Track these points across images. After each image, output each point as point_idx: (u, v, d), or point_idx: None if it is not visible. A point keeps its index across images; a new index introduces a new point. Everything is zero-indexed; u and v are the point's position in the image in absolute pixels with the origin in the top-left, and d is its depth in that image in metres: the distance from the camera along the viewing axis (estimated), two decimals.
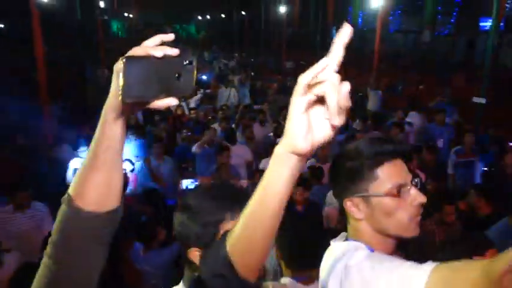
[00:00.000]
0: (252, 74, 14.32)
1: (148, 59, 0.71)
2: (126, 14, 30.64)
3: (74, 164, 4.93)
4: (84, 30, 12.36)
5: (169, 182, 5.21)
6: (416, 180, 1.05)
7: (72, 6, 12.08)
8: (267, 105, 8.88)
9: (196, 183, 3.62)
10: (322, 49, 16.55)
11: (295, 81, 0.71)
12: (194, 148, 5.62)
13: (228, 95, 10.40)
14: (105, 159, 0.85)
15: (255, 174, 4.85)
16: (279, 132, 6.41)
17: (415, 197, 1.05)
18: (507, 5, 15.17)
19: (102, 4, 18.82)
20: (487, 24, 17.22)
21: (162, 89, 0.73)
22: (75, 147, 5.64)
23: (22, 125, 7.34)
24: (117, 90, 0.76)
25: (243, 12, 27.52)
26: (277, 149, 0.72)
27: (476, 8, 17.99)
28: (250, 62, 19.95)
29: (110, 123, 0.82)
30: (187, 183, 3.66)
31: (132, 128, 6.92)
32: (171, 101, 0.75)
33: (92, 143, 0.85)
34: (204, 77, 13.54)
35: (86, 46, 13.85)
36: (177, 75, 0.74)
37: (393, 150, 1.07)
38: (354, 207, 1.12)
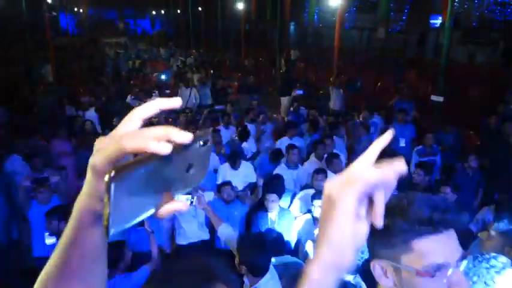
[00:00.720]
0: (212, 72, 14.00)
1: (146, 162, 0.46)
2: (76, 9, 29.16)
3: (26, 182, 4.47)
4: (30, 26, 11.55)
5: None
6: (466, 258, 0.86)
7: (17, 1, 11.23)
8: (230, 106, 8.65)
9: (194, 200, 3.32)
10: (280, 45, 16.49)
11: (255, 80, 0.52)
12: None
13: (189, 95, 10.08)
14: (80, 269, 0.61)
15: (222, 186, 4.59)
16: (244, 135, 6.22)
17: (458, 284, 0.84)
18: (456, 3, 15.74)
19: None
20: (437, 21, 17.83)
21: (165, 189, 0.50)
22: (28, 159, 5.19)
23: None
24: (94, 192, 0.53)
25: (199, 8, 26.95)
26: (315, 274, 0.56)
27: (426, 5, 18.57)
28: (208, 60, 19.55)
29: (85, 227, 0.58)
30: (184, 199, 3.35)
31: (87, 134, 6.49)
32: (178, 206, 0.52)
33: (60, 248, 0.61)
34: (163, 77, 13.09)
35: (34, 43, 12.97)
36: (187, 166, 0.51)
37: (443, 221, 0.85)
38: (381, 272, 0.94)
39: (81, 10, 31.88)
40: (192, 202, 3.34)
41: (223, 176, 5.06)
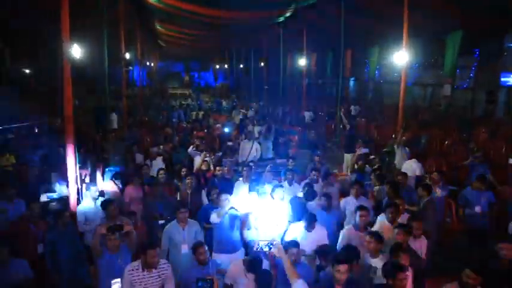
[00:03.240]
0: (273, 125, 14.19)
1: None
2: (147, 63, 31.48)
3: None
4: (109, 80, 12.57)
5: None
6: None
7: (101, 59, 12.36)
8: (292, 162, 8.58)
9: (273, 245, 3.33)
10: (340, 100, 16.47)
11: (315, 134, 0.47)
12: (212, 218, 5.28)
13: (250, 149, 10.20)
14: None
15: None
16: (310, 195, 6.10)
17: None
18: None
19: (127, 56, 19.32)
20: (509, 79, 17.10)
21: None
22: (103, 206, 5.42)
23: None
24: None
25: (261, 63, 28.02)
26: None
27: (496, 62, 17.95)
28: (269, 112, 19.95)
29: None
30: (263, 245, 3.38)
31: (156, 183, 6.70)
32: None
33: None
34: (226, 130, 13.46)
35: (110, 94, 14.06)
36: None
37: None
38: None
39: (152, 64, 34.32)
40: (270, 249, 3.33)
41: (295, 236, 4.96)
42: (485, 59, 18.66)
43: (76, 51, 6.97)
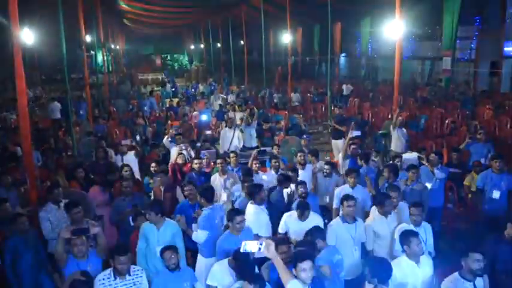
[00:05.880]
0: (256, 110, 14.16)
1: None
2: (113, 46, 30.98)
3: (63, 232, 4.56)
4: (68, 68, 12.33)
5: None
6: None
7: (57, 43, 12.11)
8: (277, 148, 8.65)
9: (262, 246, 3.29)
10: (330, 78, 16.50)
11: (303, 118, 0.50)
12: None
13: (232, 137, 10.19)
14: None
15: None
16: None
17: None
18: None
19: (88, 38, 18.98)
20: None
21: None
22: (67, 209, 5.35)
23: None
24: None
25: (242, 42, 27.86)
26: None
27: (499, 31, 18.19)
28: (252, 96, 19.89)
29: None
30: (250, 245, 3.34)
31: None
32: None
33: None
34: (205, 117, 13.37)
35: (72, 83, 13.82)
36: None
37: None
38: None
39: (117, 47, 33.79)
40: (259, 248, 3.32)
41: (290, 227, 5.07)
42: (487, 27, 18.88)
43: (27, 36, 6.83)
